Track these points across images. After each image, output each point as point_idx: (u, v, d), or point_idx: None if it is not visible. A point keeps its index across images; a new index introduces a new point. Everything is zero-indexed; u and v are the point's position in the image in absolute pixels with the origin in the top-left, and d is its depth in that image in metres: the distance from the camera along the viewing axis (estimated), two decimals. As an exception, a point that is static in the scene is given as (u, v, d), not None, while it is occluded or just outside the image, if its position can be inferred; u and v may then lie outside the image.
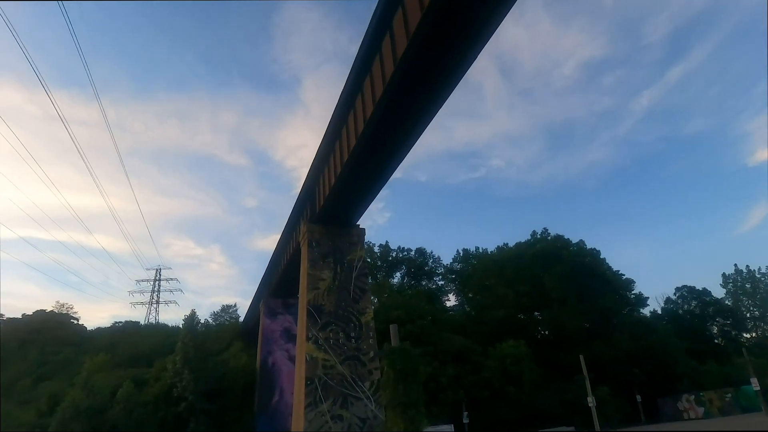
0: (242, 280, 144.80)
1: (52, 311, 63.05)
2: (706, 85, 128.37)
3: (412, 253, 67.79)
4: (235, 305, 69.22)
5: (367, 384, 24.23)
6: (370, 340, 25.54)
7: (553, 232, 56.65)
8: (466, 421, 33.85)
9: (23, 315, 60.79)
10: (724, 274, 63.77)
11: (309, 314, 24.89)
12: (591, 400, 26.33)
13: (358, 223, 28.70)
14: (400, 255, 67.44)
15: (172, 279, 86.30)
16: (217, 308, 67.23)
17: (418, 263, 67.18)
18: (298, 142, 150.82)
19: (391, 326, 13.83)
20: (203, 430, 34.24)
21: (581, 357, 28.32)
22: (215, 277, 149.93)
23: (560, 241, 53.65)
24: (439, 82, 16.79)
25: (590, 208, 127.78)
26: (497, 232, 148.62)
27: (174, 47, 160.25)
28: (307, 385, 23.05)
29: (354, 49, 20.91)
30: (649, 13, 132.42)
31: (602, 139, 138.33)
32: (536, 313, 50.59)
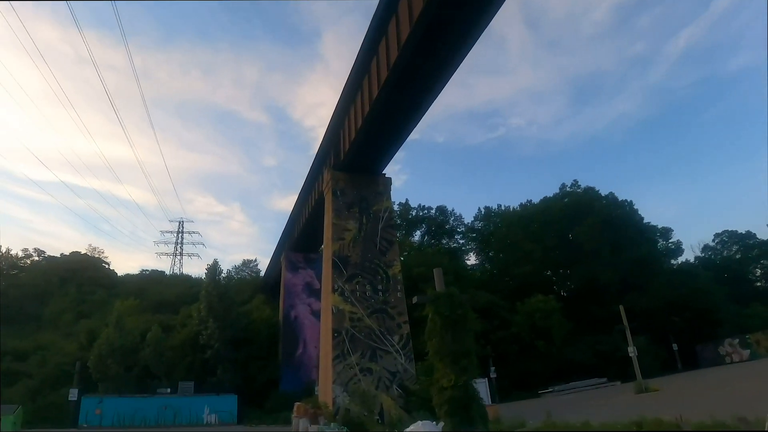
0: (262, 239, 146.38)
1: (86, 254, 65.13)
2: (754, 15, 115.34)
3: (433, 211, 65.88)
4: (255, 260, 69.47)
5: (396, 338, 23.38)
6: (398, 294, 24.48)
7: (583, 184, 54.10)
8: (493, 375, 33.27)
9: (61, 255, 62.84)
10: (772, 211, 59.96)
11: (334, 265, 23.80)
12: (632, 350, 25.13)
13: (384, 172, 27.00)
14: (421, 213, 65.65)
15: (194, 232, 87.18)
16: (239, 264, 67.41)
17: (439, 221, 65.41)
18: (317, 100, 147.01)
19: (435, 270, 12.33)
20: (230, 377, 34.65)
21: (621, 307, 26.85)
22: (236, 235, 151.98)
23: (591, 193, 50.88)
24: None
25: (619, 162, 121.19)
26: (519, 191, 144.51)
27: None
28: (334, 337, 22.30)
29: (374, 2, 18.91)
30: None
31: (631, 88, 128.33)
32: (566, 269, 48.85)
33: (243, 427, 29.91)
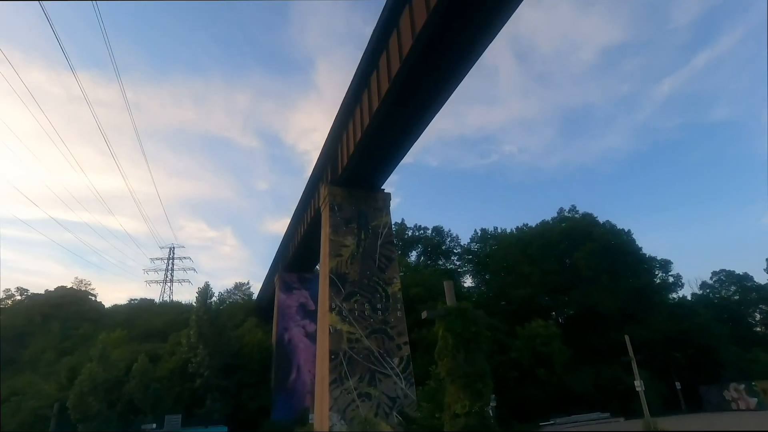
0: (253, 263, 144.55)
1: (71, 288, 63.05)
2: (733, 73, 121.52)
3: (429, 231, 65.23)
4: (247, 283, 67.82)
5: (396, 360, 22.18)
6: (398, 313, 23.42)
7: (580, 210, 53.72)
8: (492, 404, 31.87)
9: (45, 291, 60.79)
10: (768, 259, 59.84)
11: (332, 283, 22.77)
12: (639, 384, 23.93)
13: (383, 188, 26.34)
14: (417, 233, 64.97)
15: (185, 258, 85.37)
16: (230, 287, 65.61)
17: (435, 242, 64.63)
18: (310, 125, 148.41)
19: (445, 282, 11.47)
20: (219, 407, 32.82)
21: (626, 336, 25.81)
22: (227, 260, 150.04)
23: (589, 219, 50.36)
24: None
25: (611, 194, 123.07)
26: (514, 215, 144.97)
27: (190, 29, 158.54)
28: (331, 360, 21.05)
29: (369, 30, 19.02)
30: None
31: (619, 125, 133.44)
32: (564, 295, 47.73)
33: None
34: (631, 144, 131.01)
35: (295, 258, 37.75)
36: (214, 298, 36.40)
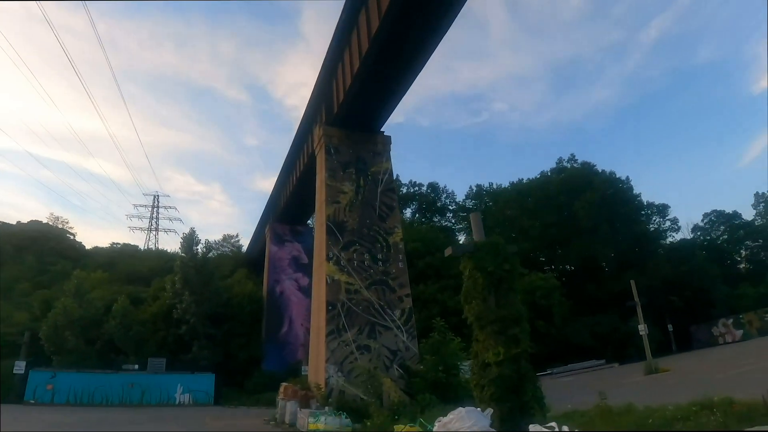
0: (243, 220, 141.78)
1: (47, 224, 60.55)
2: (717, 6, 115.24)
3: (424, 188, 63.53)
4: (236, 235, 66.04)
5: (398, 312, 21.00)
6: (400, 264, 22.02)
7: (580, 160, 52.12)
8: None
9: (17, 222, 58.22)
10: (756, 194, 59.62)
11: (329, 231, 21.12)
12: (643, 328, 23.65)
13: (382, 130, 24.22)
14: (412, 190, 63.22)
15: (171, 207, 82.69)
16: (219, 239, 63.69)
17: (431, 199, 63.08)
18: (298, 80, 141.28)
19: (472, 215, 9.82)
20: (207, 354, 31.89)
21: (632, 282, 25.22)
22: (216, 215, 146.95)
23: (589, 169, 49.02)
24: None
25: (599, 148, 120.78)
26: (506, 172, 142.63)
27: None
28: (328, 311, 19.76)
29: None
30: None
31: (608, 77, 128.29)
32: (564, 247, 47.01)
33: (220, 408, 27.34)
34: (621, 97, 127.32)
35: (287, 209, 35.89)
36: (200, 246, 34.67)
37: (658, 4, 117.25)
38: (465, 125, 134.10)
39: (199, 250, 34.50)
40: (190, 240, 34.22)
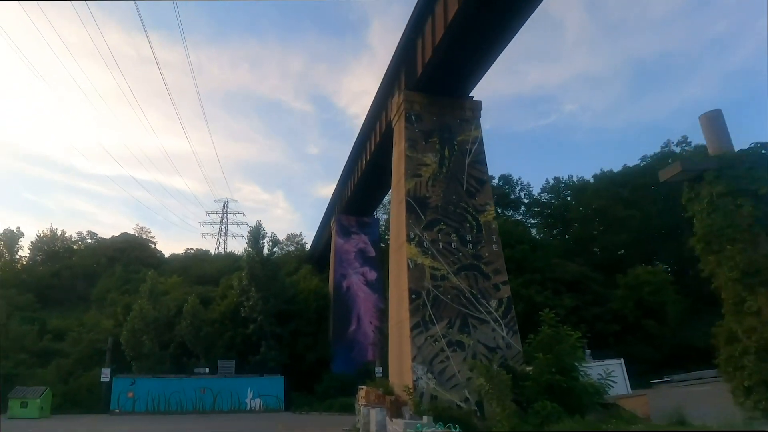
0: (305, 226, 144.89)
1: (133, 234, 65.12)
2: None
3: (495, 179, 58.97)
4: (300, 234, 65.34)
5: (494, 303, 17.50)
6: (494, 246, 18.55)
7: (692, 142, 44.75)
8: (589, 359, 26.63)
9: (111, 237, 63.06)
10: None
11: (409, 208, 18.16)
12: None
13: (471, 95, 21.01)
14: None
15: (238, 212, 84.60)
16: (283, 239, 63.18)
17: (504, 191, 58.45)
18: (362, 89, 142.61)
19: (703, 117, 6.23)
20: (275, 355, 30.06)
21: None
22: (280, 221, 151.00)
23: (703, 151, 42.01)
24: None
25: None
26: (582, 166, 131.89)
27: None
28: (411, 300, 16.72)
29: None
30: None
31: (706, 72, 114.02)
32: (674, 239, 40.43)
33: (292, 416, 25.17)
34: (722, 92, 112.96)
35: (354, 199, 33.56)
36: (266, 239, 33.19)
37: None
38: (531, 127, 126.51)
39: (266, 244, 33.04)
40: (256, 233, 32.87)
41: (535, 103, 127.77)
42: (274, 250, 33.29)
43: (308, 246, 54.04)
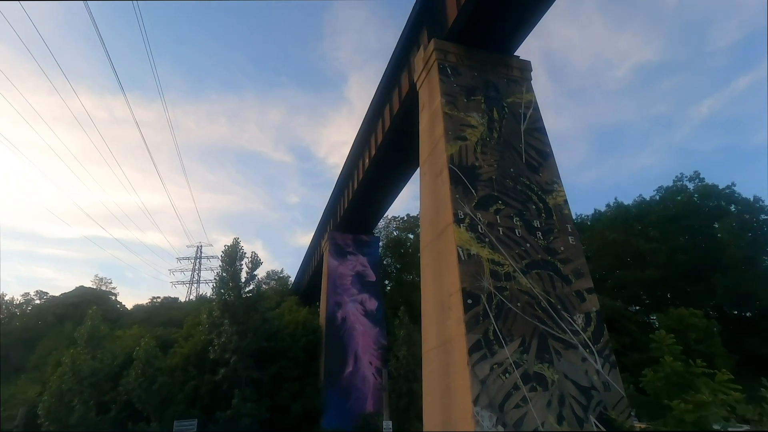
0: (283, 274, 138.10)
1: (90, 287, 57.33)
2: None
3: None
4: (281, 270, 58.63)
5: (580, 319, 11.91)
6: (570, 239, 13.20)
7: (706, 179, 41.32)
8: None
9: (61, 294, 55.23)
10: None
11: (454, 178, 12.87)
12: None
13: (517, 54, 16.49)
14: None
15: (213, 257, 77.39)
16: (262, 277, 56.26)
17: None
18: (341, 139, 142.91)
19: None
20: (250, 409, 22.99)
21: None
22: (258, 270, 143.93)
23: (718, 191, 38.32)
24: None
25: None
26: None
27: (225, 47, 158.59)
28: (467, 307, 11.02)
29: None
30: (715, 19, 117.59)
31: (655, 144, 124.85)
32: (704, 279, 35.59)
33: None
34: (669, 164, 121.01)
35: (353, 210, 28.16)
36: (245, 260, 26.86)
37: (710, 87, 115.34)
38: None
39: (244, 266, 26.75)
40: (232, 252, 26.66)
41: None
42: (255, 273, 26.90)
43: (292, 280, 47.45)
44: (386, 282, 38.15)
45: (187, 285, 73.74)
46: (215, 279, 26.90)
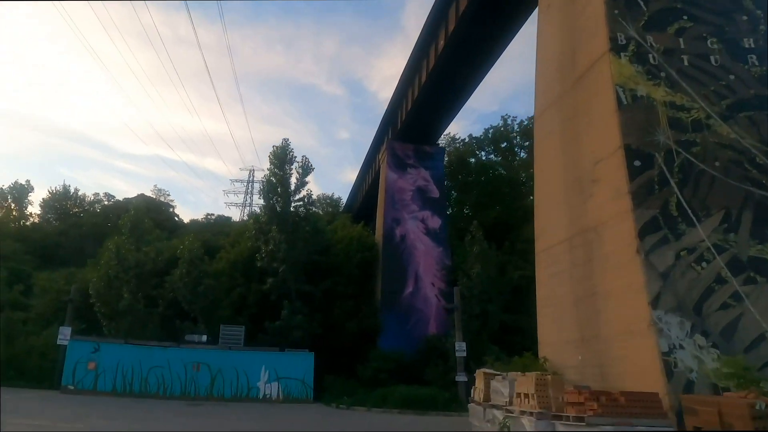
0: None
1: (150, 197, 58.22)
2: None
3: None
4: (333, 194, 56.40)
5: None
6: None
7: None
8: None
9: (124, 199, 56.61)
10: None
11: (609, -14, 8.47)
12: None
13: None
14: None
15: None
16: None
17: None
18: (394, 72, 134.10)
19: None
20: (302, 322, 20.90)
21: None
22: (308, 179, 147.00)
23: None
24: None
25: None
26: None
27: None
28: (635, 171, 7.12)
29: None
30: None
31: None
32: None
33: (331, 412, 16.27)
34: None
35: (417, 113, 24.09)
36: (296, 164, 23.83)
37: None
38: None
39: (294, 170, 23.79)
40: (282, 154, 23.59)
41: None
42: (306, 180, 23.89)
43: (343, 203, 44.82)
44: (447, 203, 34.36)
45: (240, 207, 74.18)
46: (262, 181, 24.23)
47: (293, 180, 23.84)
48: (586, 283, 7.81)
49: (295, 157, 23.94)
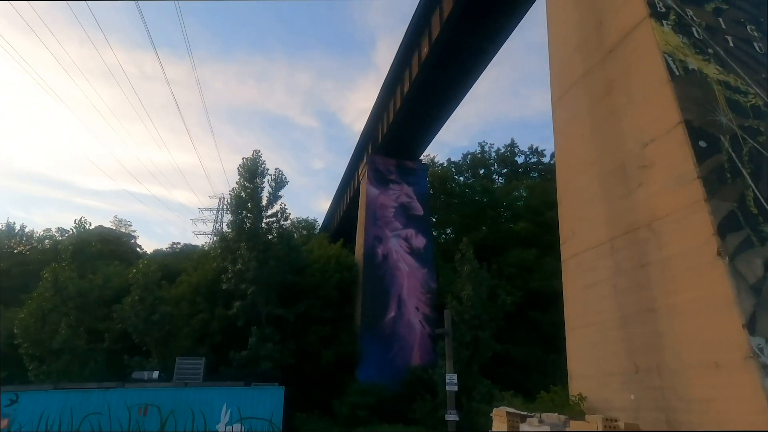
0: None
1: (110, 228, 54.22)
2: None
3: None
4: (308, 217, 54.25)
5: None
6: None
7: None
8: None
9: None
10: None
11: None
12: None
13: None
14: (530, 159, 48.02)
15: (236, 211, 73.71)
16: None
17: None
18: (368, 105, 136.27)
19: None
20: (271, 351, 18.53)
21: None
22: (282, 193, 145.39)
23: None
24: None
25: None
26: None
27: (256, 6, 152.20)
28: (701, 153, 5.68)
29: None
30: None
31: None
32: None
33: None
34: None
35: (399, 127, 22.83)
36: (268, 177, 21.86)
37: None
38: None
39: (266, 184, 21.79)
40: (252, 167, 21.61)
41: (538, 128, 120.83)
42: (279, 194, 21.91)
43: (320, 224, 42.69)
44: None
45: (210, 236, 70.60)
46: (230, 195, 21.98)
47: (265, 194, 21.84)
48: (638, 295, 6.23)
49: (267, 169, 22.01)
